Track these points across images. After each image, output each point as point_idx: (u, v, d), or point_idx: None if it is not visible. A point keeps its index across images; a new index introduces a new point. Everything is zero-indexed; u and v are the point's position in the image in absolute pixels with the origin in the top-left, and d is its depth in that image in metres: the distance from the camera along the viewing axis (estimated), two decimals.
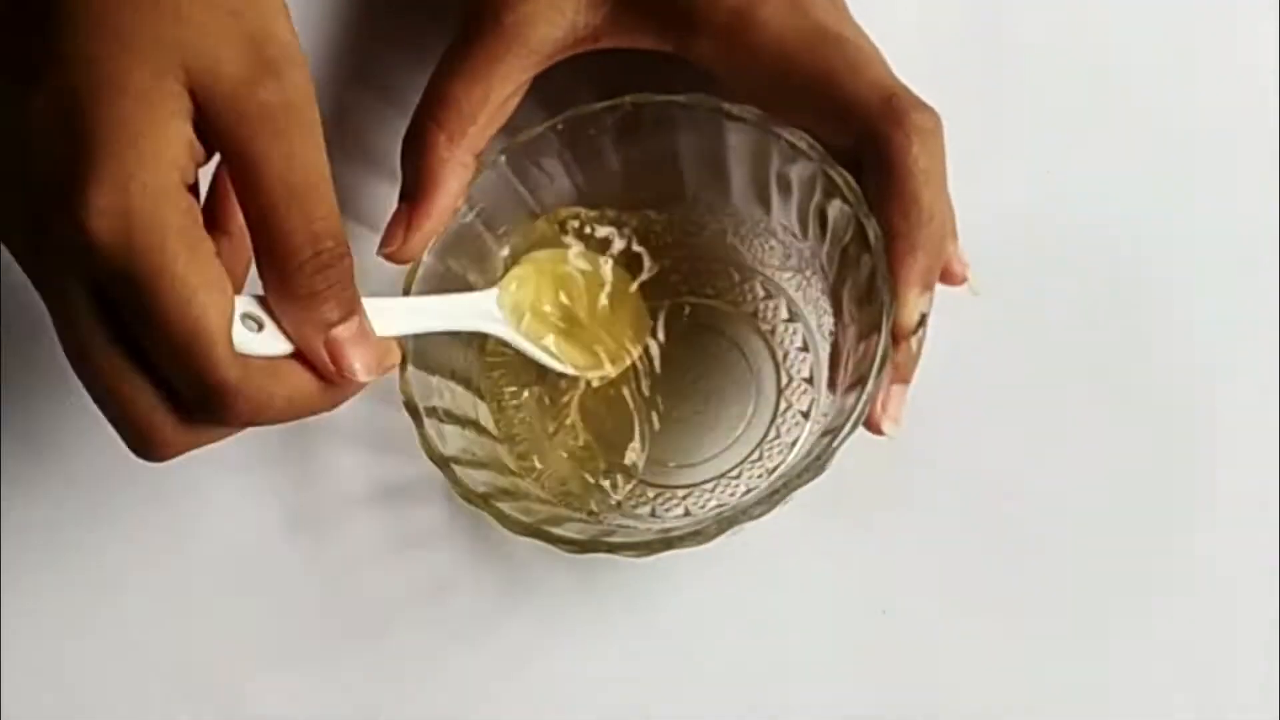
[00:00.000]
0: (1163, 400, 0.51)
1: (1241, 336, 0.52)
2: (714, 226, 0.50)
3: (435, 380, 0.47)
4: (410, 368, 0.46)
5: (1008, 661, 0.50)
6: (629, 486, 0.50)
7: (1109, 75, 0.53)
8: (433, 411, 0.46)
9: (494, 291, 0.48)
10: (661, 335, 0.51)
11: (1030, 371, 0.51)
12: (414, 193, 0.46)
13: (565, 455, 0.50)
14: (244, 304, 0.39)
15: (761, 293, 0.51)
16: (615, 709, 0.50)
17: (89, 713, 0.50)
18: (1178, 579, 0.50)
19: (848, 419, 0.42)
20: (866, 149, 0.44)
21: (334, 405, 0.42)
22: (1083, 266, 0.52)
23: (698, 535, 0.43)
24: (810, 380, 0.50)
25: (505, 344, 0.48)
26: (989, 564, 0.50)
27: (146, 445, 0.40)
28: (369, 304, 0.41)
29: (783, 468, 0.48)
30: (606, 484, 0.50)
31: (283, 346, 0.40)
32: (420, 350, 0.47)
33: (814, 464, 0.42)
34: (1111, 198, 0.52)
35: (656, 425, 0.50)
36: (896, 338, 0.44)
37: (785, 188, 0.47)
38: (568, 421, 0.50)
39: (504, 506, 0.44)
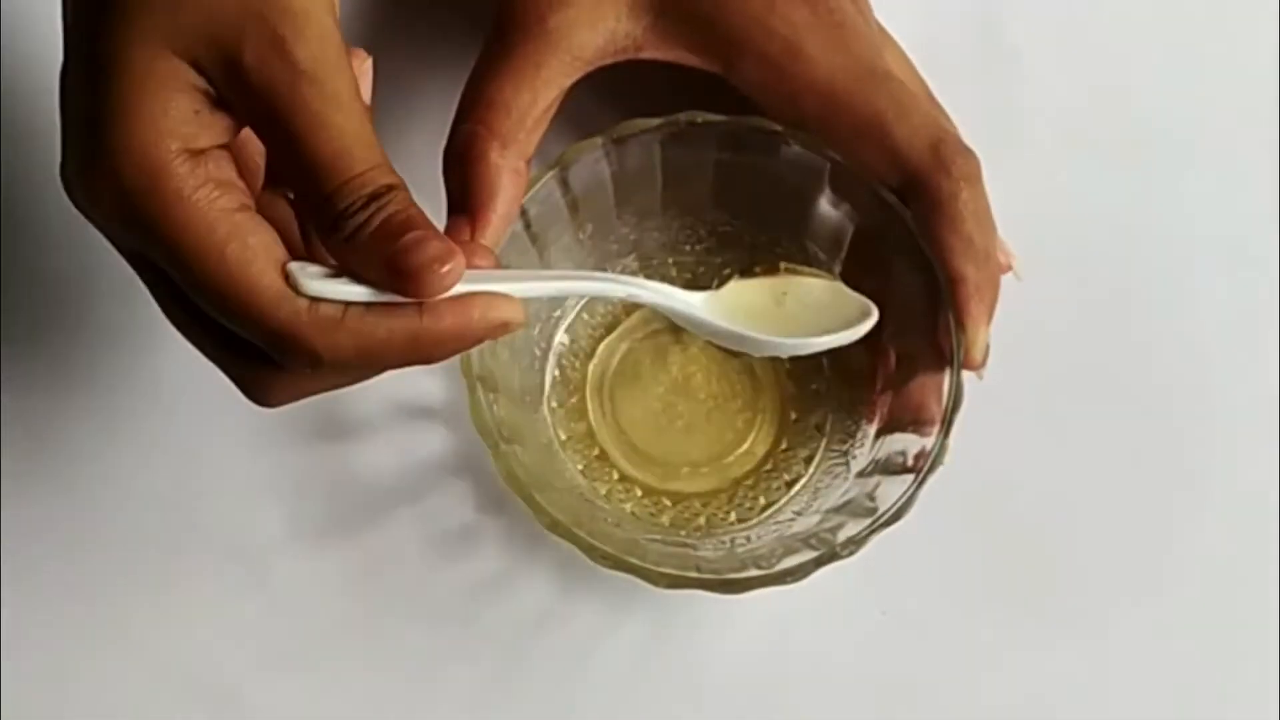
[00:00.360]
0: (1163, 400, 0.51)
1: (1242, 337, 0.52)
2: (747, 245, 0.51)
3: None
4: (479, 392, 0.45)
5: (1007, 661, 0.50)
6: (651, 501, 0.50)
7: (1111, 76, 0.53)
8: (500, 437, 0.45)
9: None
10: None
11: (1030, 371, 0.51)
12: (471, 202, 0.43)
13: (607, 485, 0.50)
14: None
15: None
16: (612, 706, 0.50)
17: (89, 713, 0.49)
18: (1178, 579, 0.50)
19: (933, 458, 0.44)
20: (913, 193, 0.45)
21: (420, 358, 0.38)
22: (1083, 267, 0.52)
23: (791, 573, 0.44)
24: (818, 393, 0.50)
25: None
26: (989, 564, 0.50)
27: (254, 395, 0.40)
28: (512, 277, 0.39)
29: (807, 481, 0.49)
30: (647, 503, 0.50)
31: (362, 291, 0.37)
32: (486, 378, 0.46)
33: (905, 506, 0.44)
34: (1112, 199, 0.53)
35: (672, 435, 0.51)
36: (968, 367, 0.45)
37: (828, 217, 0.48)
38: (593, 454, 0.50)
39: (585, 534, 0.43)
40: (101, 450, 0.50)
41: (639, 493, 0.50)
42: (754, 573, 0.43)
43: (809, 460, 0.50)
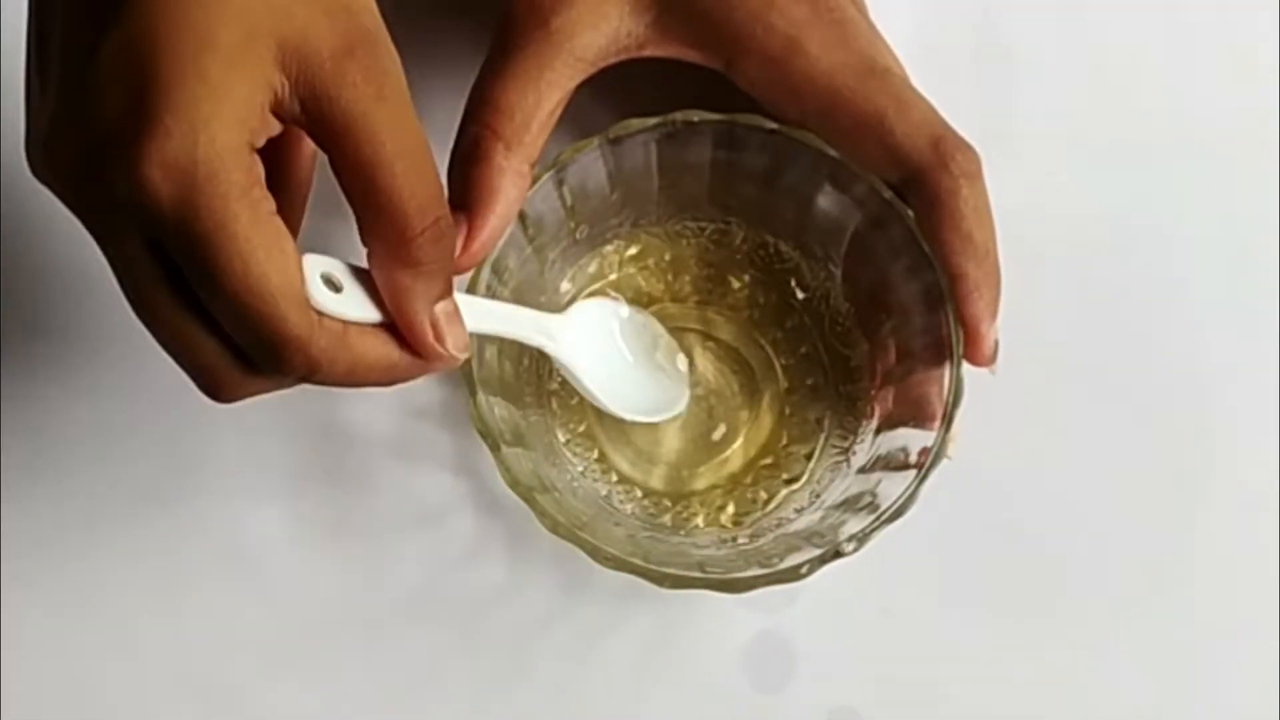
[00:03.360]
0: (1163, 400, 0.51)
1: (1242, 337, 0.52)
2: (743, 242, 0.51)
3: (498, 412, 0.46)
4: (480, 395, 0.45)
5: (1007, 661, 0.50)
6: (651, 501, 0.50)
7: (1109, 75, 0.54)
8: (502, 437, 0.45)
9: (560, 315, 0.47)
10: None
11: (1030, 372, 0.51)
12: (472, 202, 0.44)
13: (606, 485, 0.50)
14: (323, 264, 0.38)
15: (760, 299, 0.51)
16: (614, 706, 0.50)
17: (88, 712, 0.49)
18: (1178, 579, 0.50)
19: (934, 453, 0.44)
20: (914, 190, 0.45)
21: (393, 382, 0.40)
22: (1083, 267, 0.52)
23: (795, 571, 0.43)
24: (815, 388, 0.50)
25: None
26: (989, 564, 0.50)
27: (211, 390, 0.39)
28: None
29: (807, 478, 0.49)
30: (647, 503, 0.50)
31: (363, 313, 0.39)
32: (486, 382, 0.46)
33: (907, 502, 0.44)
34: (1112, 198, 0.53)
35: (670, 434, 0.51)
36: (976, 364, 0.45)
37: (827, 214, 0.48)
38: (592, 456, 0.51)
39: (588, 536, 0.43)
40: (102, 450, 0.50)
41: (639, 493, 0.50)
42: (757, 571, 0.43)
43: (809, 456, 0.50)
